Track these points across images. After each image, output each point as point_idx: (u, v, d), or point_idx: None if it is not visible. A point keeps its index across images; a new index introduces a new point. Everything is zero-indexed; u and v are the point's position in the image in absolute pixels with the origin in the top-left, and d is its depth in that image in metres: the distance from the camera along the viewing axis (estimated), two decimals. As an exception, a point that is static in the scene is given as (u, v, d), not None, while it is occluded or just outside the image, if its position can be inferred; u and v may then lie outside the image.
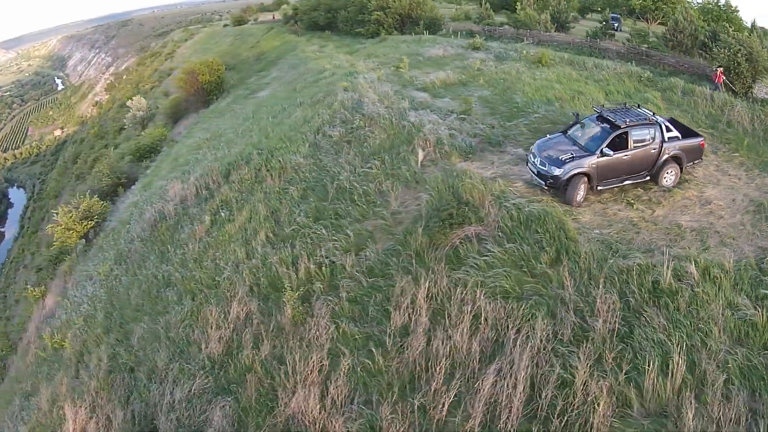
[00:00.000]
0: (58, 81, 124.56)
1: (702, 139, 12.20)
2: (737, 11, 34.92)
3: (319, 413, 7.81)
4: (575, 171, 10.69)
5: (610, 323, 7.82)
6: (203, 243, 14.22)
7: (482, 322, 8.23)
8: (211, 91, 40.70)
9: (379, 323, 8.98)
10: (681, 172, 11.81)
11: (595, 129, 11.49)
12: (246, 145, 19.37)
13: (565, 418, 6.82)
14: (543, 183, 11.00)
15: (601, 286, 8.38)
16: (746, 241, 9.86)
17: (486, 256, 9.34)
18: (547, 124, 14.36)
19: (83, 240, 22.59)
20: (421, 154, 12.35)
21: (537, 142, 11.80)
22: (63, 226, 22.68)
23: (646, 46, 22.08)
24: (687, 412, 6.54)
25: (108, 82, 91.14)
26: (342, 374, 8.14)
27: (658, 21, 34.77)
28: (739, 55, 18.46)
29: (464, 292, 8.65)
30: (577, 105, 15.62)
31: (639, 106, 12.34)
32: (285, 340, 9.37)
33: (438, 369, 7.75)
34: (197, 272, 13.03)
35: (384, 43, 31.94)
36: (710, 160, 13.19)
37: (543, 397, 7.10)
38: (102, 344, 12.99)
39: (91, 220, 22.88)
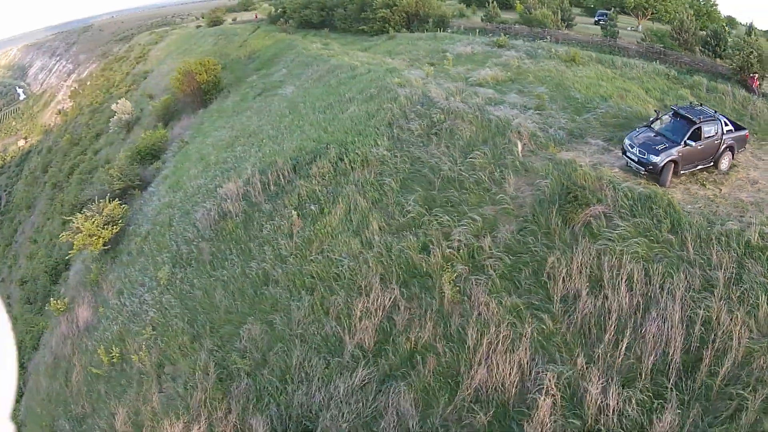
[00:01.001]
0: (20, 90, 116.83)
1: (747, 131, 14.42)
2: (716, 5, 38.30)
3: (509, 378, 8.82)
4: (669, 158, 12.36)
5: (728, 272, 9.57)
6: (300, 237, 14.39)
7: (634, 281, 9.61)
8: (208, 91, 39.92)
9: (536, 293, 10.12)
10: (733, 158, 13.83)
11: (674, 123, 13.33)
12: (302, 139, 19.20)
13: (715, 345, 8.47)
14: (642, 169, 12.57)
15: (714, 247, 10.12)
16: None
17: (617, 230, 10.69)
18: (612, 118, 15.86)
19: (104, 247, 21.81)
20: (520, 146, 13.51)
21: (629, 134, 13.42)
22: (85, 233, 21.73)
23: (662, 45, 24.04)
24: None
25: (72, 89, 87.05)
26: (524, 340, 9.18)
27: (648, 17, 37.22)
28: (752, 56, 20.70)
29: (612, 259, 9.95)
30: (627, 101, 17.23)
31: (702, 105, 14.37)
32: (450, 319, 10.17)
33: (610, 323, 9.01)
34: (306, 266, 13.15)
35: (395, 40, 32.56)
36: (746, 148, 15.27)
37: (694, 333, 8.75)
38: (199, 352, 12.69)
39: (115, 225, 22.33)
